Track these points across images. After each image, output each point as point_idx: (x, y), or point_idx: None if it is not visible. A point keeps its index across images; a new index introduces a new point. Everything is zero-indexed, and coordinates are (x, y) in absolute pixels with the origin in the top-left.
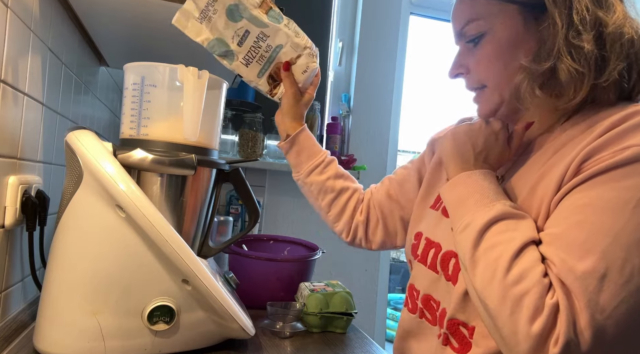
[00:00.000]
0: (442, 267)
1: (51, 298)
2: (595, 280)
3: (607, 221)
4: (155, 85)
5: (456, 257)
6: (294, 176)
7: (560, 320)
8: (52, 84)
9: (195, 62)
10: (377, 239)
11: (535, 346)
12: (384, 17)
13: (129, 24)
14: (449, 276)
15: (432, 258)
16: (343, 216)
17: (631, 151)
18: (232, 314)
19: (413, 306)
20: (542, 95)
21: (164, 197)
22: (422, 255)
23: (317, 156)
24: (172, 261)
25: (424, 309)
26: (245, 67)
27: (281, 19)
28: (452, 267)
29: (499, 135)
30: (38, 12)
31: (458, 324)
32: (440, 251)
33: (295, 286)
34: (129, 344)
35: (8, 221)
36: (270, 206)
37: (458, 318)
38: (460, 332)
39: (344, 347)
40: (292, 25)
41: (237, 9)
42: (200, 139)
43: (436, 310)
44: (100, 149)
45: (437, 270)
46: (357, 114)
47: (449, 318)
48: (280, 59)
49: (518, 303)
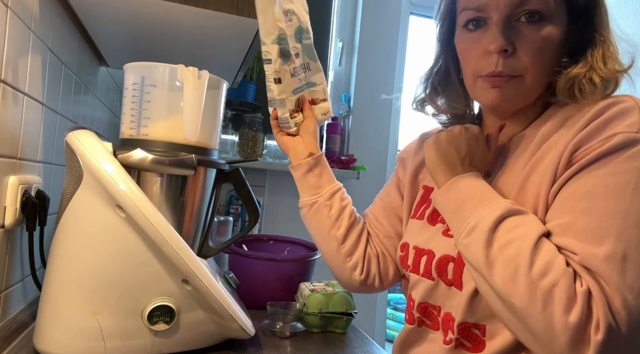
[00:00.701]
0: (438, 273)
1: (51, 298)
2: (618, 262)
3: (611, 204)
4: (155, 85)
5: (454, 261)
6: (308, 200)
7: (595, 306)
8: (52, 84)
9: (195, 62)
10: (390, 273)
11: (575, 336)
12: (384, 17)
13: (129, 24)
14: (449, 280)
15: (425, 266)
16: (358, 247)
17: (618, 138)
18: (232, 314)
19: (410, 317)
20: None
21: (164, 197)
22: (414, 265)
23: (335, 181)
24: (172, 261)
25: (422, 317)
26: (290, 77)
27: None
28: (451, 271)
29: (479, 138)
30: (38, 12)
31: (469, 327)
32: (433, 257)
33: (295, 286)
34: (129, 344)
35: (8, 221)
36: (270, 206)
37: (468, 321)
38: (472, 333)
39: (344, 347)
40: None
41: (301, 32)
42: (200, 139)
43: (437, 316)
44: (100, 149)
45: (433, 277)
46: (357, 114)
47: (459, 323)
48: (307, 95)
49: (549, 295)
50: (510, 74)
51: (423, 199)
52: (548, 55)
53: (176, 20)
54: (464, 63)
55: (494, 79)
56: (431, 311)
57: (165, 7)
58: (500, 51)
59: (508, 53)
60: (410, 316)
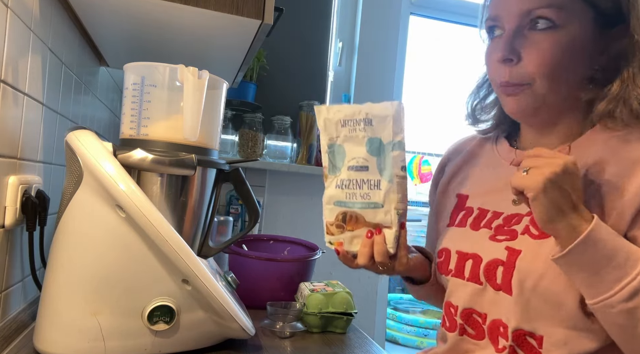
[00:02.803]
0: (487, 277)
1: (51, 298)
2: None
3: None
4: (155, 85)
5: (503, 265)
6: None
7: None
8: (52, 84)
9: (195, 62)
10: None
11: None
12: (384, 17)
13: (129, 24)
14: (497, 285)
15: (471, 270)
16: None
17: None
18: (232, 314)
19: (451, 324)
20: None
21: (164, 197)
22: (457, 269)
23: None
24: (172, 261)
25: (465, 324)
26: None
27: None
28: (500, 276)
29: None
30: (38, 12)
31: (524, 335)
32: (481, 261)
33: (295, 286)
34: (129, 344)
35: (8, 221)
36: (270, 206)
37: (523, 328)
38: (528, 342)
39: (344, 347)
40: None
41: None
42: (200, 139)
43: (482, 324)
44: (100, 149)
45: (481, 281)
46: None
47: (513, 330)
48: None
49: None
50: (517, 83)
51: (459, 207)
52: (562, 63)
53: (176, 20)
54: (487, 70)
55: (507, 88)
56: (476, 318)
57: (165, 7)
58: (504, 61)
59: (513, 62)
60: (452, 323)
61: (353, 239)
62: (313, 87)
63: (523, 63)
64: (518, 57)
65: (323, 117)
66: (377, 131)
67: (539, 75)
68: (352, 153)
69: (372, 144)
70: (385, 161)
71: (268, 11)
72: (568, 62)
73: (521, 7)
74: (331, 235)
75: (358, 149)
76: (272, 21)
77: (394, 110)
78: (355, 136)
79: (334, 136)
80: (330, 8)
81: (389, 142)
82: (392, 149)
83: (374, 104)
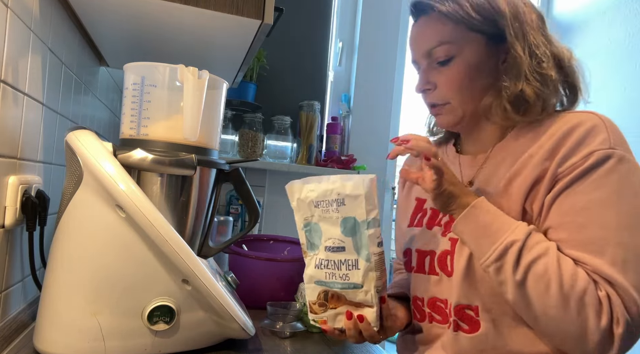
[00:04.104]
0: (441, 267)
1: (51, 298)
2: (620, 266)
3: (603, 216)
4: (155, 85)
5: (451, 254)
6: None
7: (614, 306)
8: (52, 84)
9: (195, 62)
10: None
11: (605, 334)
12: (384, 17)
13: (129, 24)
14: (449, 272)
15: (429, 264)
16: None
17: (596, 155)
18: (232, 314)
19: (421, 315)
20: (511, 111)
21: (164, 197)
22: (418, 265)
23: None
24: (172, 261)
25: (432, 312)
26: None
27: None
28: (449, 264)
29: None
30: (38, 12)
31: (463, 309)
32: (435, 255)
33: (295, 286)
34: (129, 344)
35: (8, 221)
36: (270, 206)
37: (461, 302)
38: (467, 315)
39: (344, 347)
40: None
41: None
42: (200, 139)
43: (445, 308)
44: (100, 149)
45: (437, 272)
46: (357, 114)
47: (454, 305)
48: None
49: (581, 302)
50: (440, 104)
51: (417, 209)
52: (465, 82)
53: (176, 20)
54: None
55: (433, 109)
56: (439, 305)
57: (165, 7)
58: (423, 91)
59: (431, 91)
60: (421, 314)
61: (336, 316)
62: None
63: (439, 89)
64: (434, 86)
65: (296, 198)
66: (350, 210)
67: (452, 95)
68: (327, 233)
69: (347, 224)
70: (361, 239)
71: (268, 11)
72: (469, 80)
73: (422, 49)
74: (314, 314)
75: (333, 229)
76: (272, 21)
77: (365, 189)
78: (329, 216)
79: (309, 215)
80: (330, 8)
81: (364, 221)
82: (367, 228)
83: (345, 182)
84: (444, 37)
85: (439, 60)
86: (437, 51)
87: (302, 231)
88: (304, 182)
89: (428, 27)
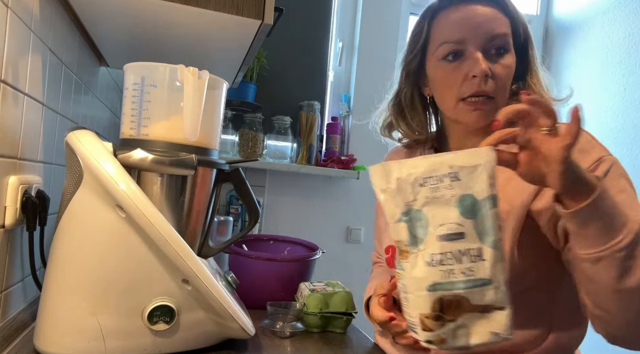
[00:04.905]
0: None
1: (51, 298)
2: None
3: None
4: (155, 85)
5: None
6: None
7: None
8: (52, 84)
9: (195, 62)
10: None
11: None
12: (384, 17)
13: (129, 24)
14: None
15: None
16: None
17: (607, 162)
18: (232, 314)
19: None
20: None
21: (164, 197)
22: None
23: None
24: (172, 261)
25: None
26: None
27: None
28: None
29: None
30: (38, 12)
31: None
32: None
33: (295, 286)
34: (129, 344)
35: (8, 221)
36: (270, 206)
37: None
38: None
39: (344, 347)
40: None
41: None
42: (200, 139)
43: None
44: (100, 149)
45: None
46: (357, 114)
47: None
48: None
49: None
50: (489, 95)
51: None
52: (509, 81)
53: (176, 20)
54: (443, 89)
55: (476, 102)
56: None
57: (165, 7)
58: (486, 76)
59: (489, 77)
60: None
61: (457, 331)
62: (313, 87)
63: (497, 79)
64: (492, 74)
65: (395, 178)
66: (467, 186)
67: (501, 91)
68: (439, 218)
69: (465, 203)
70: (483, 222)
71: (268, 11)
72: (510, 80)
73: (491, 33)
74: (428, 331)
75: (447, 211)
76: (272, 21)
77: (485, 158)
78: (440, 196)
79: (411, 199)
80: (330, 8)
81: (485, 199)
82: (491, 207)
83: (457, 153)
84: (509, 28)
85: (501, 46)
86: (500, 40)
87: (400, 224)
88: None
89: (495, 14)
